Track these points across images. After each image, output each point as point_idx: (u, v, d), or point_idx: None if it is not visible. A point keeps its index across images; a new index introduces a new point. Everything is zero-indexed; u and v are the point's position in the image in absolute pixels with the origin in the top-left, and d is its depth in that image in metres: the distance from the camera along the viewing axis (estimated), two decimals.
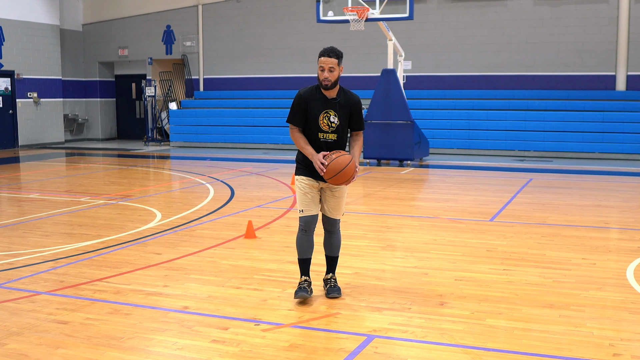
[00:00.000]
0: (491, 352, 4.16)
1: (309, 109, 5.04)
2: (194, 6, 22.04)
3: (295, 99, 5.10)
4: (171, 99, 22.36)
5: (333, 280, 5.35)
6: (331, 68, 4.95)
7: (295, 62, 20.79)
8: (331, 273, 5.37)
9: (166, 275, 5.96)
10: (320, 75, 4.98)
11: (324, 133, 5.05)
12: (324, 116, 5.02)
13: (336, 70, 4.97)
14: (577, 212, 9.27)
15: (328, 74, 4.96)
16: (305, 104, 5.04)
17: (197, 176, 13.20)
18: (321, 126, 5.03)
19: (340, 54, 5.02)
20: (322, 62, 4.96)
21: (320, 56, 5.00)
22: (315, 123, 5.04)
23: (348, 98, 5.10)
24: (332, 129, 5.04)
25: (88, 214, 9.13)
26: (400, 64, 15.94)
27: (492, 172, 14.26)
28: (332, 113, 5.03)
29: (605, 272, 6.05)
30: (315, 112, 5.02)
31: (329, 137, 5.05)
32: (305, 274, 5.25)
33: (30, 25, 20.59)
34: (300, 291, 5.11)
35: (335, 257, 5.39)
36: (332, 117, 5.03)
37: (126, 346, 4.29)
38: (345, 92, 5.12)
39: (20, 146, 20.49)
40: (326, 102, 5.04)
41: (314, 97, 5.05)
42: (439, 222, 8.49)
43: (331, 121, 5.03)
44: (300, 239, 5.22)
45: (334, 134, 5.05)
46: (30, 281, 5.78)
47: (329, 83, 4.97)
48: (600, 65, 17.76)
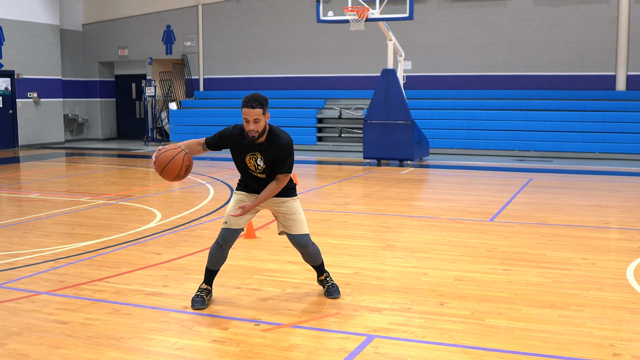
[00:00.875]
0: (491, 352, 4.16)
1: (235, 148, 4.93)
2: (194, 6, 22.04)
3: (225, 131, 5.00)
4: (171, 99, 22.37)
5: (329, 280, 5.33)
6: (256, 119, 4.71)
7: (295, 62, 20.79)
8: (325, 273, 5.35)
9: (166, 275, 5.96)
10: (246, 126, 4.76)
11: (253, 172, 4.97)
12: (250, 157, 4.90)
13: (262, 120, 4.72)
14: (577, 212, 9.27)
15: (253, 126, 4.73)
16: (231, 142, 4.94)
17: (197, 176, 13.20)
18: (249, 166, 4.94)
19: (264, 102, 4.74)
20: (246, 114, 4.71)
21: (243, 106, 4.75)
22: (242, 162, 4.95)
23: (276, 142, 4.84)
24: (258, 170, 4.93)
25: (88, 214, 9.13)
26: (400, 64, 15.94)
27: (492, 172, 14.26)
28: (258, 156, 4.88)
29: (605, 272, 6.05)
30: (242, 154, 4.91)
31: (259, 175, 4.96)
32: (208, 283, 5.16)
33: (30, 25, 20.59)
34: (197, 303, 5.00)
35: (320, 265, 5.31)
36: (259, 160, 4.88)
37: (126, 346, 4.29)
38: (276, 135, 4.86)
39: (20, 146, 20.49)
40: (253, 146, 4.87)
41: (240, 139, 4.89)
42: (439, 222, 8.49)
43: (258, 164, 4.90)
44: (214, 251, 5.09)
45: (262, 174, 4.94)
46: (30, 281, 5.78)
47: (256, 134, 4.76)
48: (600, 65, 17.76)
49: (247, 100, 4.73)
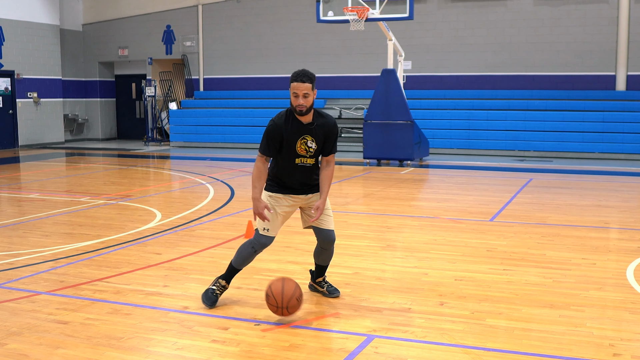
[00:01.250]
0: (491, 352, 4.16)
1: (284, 137, 4.79)
2: (194, 6, 22.04)
3: (270, 128, 4.83)
4: (171, 99, 22.36)
5: (326, 281, 5.35)
6: (305, 94, 4.71)
7: (295, 62, 20.72)
8: (323, 276, 5.33)
9: (166, 275, 5.96)
10: (294, 101, 4.74)
11: (301, 157, 4.84)
12: (301, 142, 4.80)
13: (311, 95, 4.73)
14: (577, 212, 9.27)
15: (302, 100, 4.72)
16: (281, 133, 4.79)
17: (197, 176, 13.20)
18: (298, 152, 4.81)
19: (313, 77, 4.77)
20: (295, 88, 4.72)
21: (292, 80, 4.76)
22: (292, 149, 4.80)
23: (324, 122, 4.88)
24: (310, 153, 4.84)
25: (88, 214, 9.13)
26: (400, 64, 15.94)
27: (492, 172, 14.26)
28: (309, 138, 4.81)
29: (605, 272, 6.05)
30: (292, 139, 4.79)
31: (307, 161, 4.86)
32: (228, 281, 5.13)
33: (30, 25, 20.59)
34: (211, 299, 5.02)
35: (326, 266, 5.30)
36: (310, 142, 4.82)
37: (126, 346, 4.29)
38: (322, 114, 4.89)
39: (20, 146, 20.49)
40: (302, 128, 4.80)
41: (288, 123, 4.81)
42: (439, 222, 8.49)
43: (309, 146, 4.82)
44: (247, 254, 5.02)
45: (312, 158, 4.87)
46: (30, 281, 5.78)
47: (304, 109, 4.73)
48: (600, 65, 17.76)
49: (297, 75, 4.74)
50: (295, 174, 4.89)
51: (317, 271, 5.32)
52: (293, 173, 4.89)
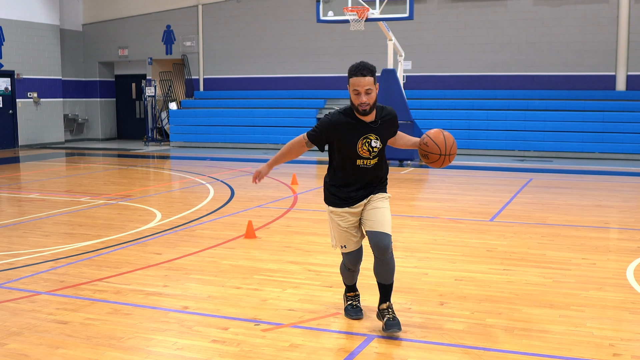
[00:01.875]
0: (491, 352, 4.16)
1: (341, 137, 4.30)
2: (194, 6, 22.04)
3: (324, 122, 4.35)
4: (171, 99, 22.37)
5: (391, 310, 4.44)
6: (368, 90, 4.15)
7: (295, 62, 20.79)
8: (387, 302, 4.46)
9: (166, 275, 5.96)
10: (356, 99, 4.18)
11: (363, 159, 4.36)
12: (363, 142, 4.31)
13: (373, 90, 4.18)
14: (577, 212, 9.27)
15: (365, 98, 4.16)
16: (335, 132, 4.31)
17: (197, 176, 13.20)
18: (360, 153, 4.32)
19: (374, 69, 4.23)
20: (356, 84, 4.14)
21: (351, 76, 4.19)
22: (352, 151, 4.31)
23: (386, 116, 4.41)
24: (373, 154, 4.35)
25: (88, 214, 9.13)
26: (400, 64, 15.94)
27: (492, 172, 14.26)
28: (372, 137, 4.32)
29: (605, 272, 6.05)
30: (352, 140, 4.29)
31: (369, 162, 4.38)
32: (353, 290, 4.82)
33: (30, 25, 20.59)
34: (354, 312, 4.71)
35: (390, 285, 4.47)
36: (374, 142, 4.33)
37: (126, 346, 4.29)
38: (383, 108, 4.41)
39: (20, 146, 20.50)
40: (365, 127, 4.31)
41: (348, 123, 4.30)
42: (439, 222, 8.49)
43: (372, 146, 4.33)
44: (346, 273, 4.74)
45: (375, 158, 4.38)
46: (30, 281, 5.78)
47: (367, 107, 4.20)
48: (600, 65, 17.76)
49: (356, 69, 4.18)
50: (355, 176, 4.41)
51: (380, 292, 4.50)
52: (352, 175, 4.41)
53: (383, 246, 4.31)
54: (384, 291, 4.46)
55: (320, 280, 5.75)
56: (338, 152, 4.40)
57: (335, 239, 4.57)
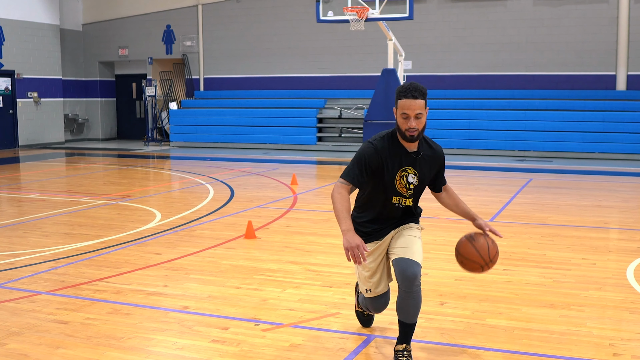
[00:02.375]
0: (491, 352, 4.16)
1: (385, 167, 3.79)
2: (194, 6, 22.04)
3: (366, 152, 3.78)
4: (171, 99, 22.37)
5: (407, 353, 3.91)
6: (418, 114, 3.69)
7: (295, 62, 20.79)
8: (405, 344, 3.92)
9: (166, 275, 5.96)
10: (403, 124, 3.71)
11: (400, 197, 3.89)
12: (401, 175, 3.83)
13: (424, 115, 3.71)
14: (577, 212, 9.26)
15: (415, 123, 3.69)
16: (380, 161, 3.78)
17: (197, 176, 13.20)
18: (398, 188, 3.84)
19: (425, 92, 3.74)
20: (406, 107, 3.68)
21: (400, 97, 3.71)
22: (390, 184, 3.83)
23: (433, 152, 3.93)
24: (409, 192, 3.88)
25: (88, 214, 9.13)
26: (400, 64, 15.94)
27: (492, 172, 14.26)
28: (410, 171, 3.84)
29: (605, 272, 6.05)
30: (394, 171, 3.81)
31: (405, 202, 3.91)
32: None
33: (30, 25, 20.59)
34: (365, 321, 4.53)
35: (412, 325, 3.91)
36: (411, 177, 3.85)
37: (126, 346, 4.29)
38: (427, 141, 3.92)
39: (20, 146, 20.49)
40: (405, 157, 3.82)
41: (390, 150, 3.80)
42: (439, 222, 8.48)
43: (409, 182, 3.86)
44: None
45: (410, 198, 3.92)
46: (30, 281, 5.78)
47: (416, 134, 3.73)
48: (600, 65, 17.76)
49: (407, 90, 3.69)
50: (387, 214, 3.95)
51: (400, 331, 3.95)
52: (383, 213, 3.95)
53: (411, 274, 3.77)
54: (404, 330, 3.91)
55: (320, 280, 5.75)
56: (373, 184, 3.88)
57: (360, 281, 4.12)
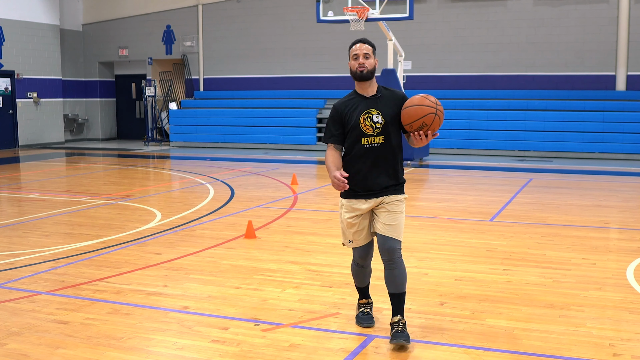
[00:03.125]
0: (491, 352, 4.16)
1: (346, 118, 4.30)
2: (194, 6, 22.04)
3: (331, 112, 4.39)
4: (171, 99, 22.37)
5: (402, 324, 4.28)
6: (366, 54, 4.30)
7: (295, 62, 20.79)
8: (399, 315, 4.31)
9: (166, 275, 5.96)
10: (354, 64, 4.31)
11: (368, 137, 4.26)
12: (365, 118, 4.26)
13: (372, 57, 4.31)
14: (577, 212, 9.27)
15: (363, 60, 4.28)
16: (341, 114, 4.32)
17: (197, 176, 13.20)
18: (364, 129, 4.25)
19: (374, 45, 4.42)
20: (356, 49, 4.32)
21: (351, 46, 4.42)
22: (356, 128, 4.26)
23: (392, 93, 4.39)
24: (377, 130, 4.25)
25: (88, 214, 9.13)
26: (400, 64, 15.94)
27: (492, 172, 14.26)
28: (374, 112, 4.27)
29: (605, 272, 6.05)
30: (355, 117, 4.27)
31: (375, 140, 4.26)
32: (365, 297, 4.74)
33: (30, 25, 20.59)
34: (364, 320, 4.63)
35: (400, 294, 4.33)
36: (375, 117, 4.25)
37: (126, 346, 4.29)
38: (387, 87, 4.44)
39: (20, 146, 20.49)
40: (365, 101, 4.32)
41: (349, 102, 4.35)
42: (439, 222, 8.49)
43: (374, 121, 4.25)
44: (356, 271, 4.67)
45: (380, 136, 4.26)
46: (30, 281, 5.78)
47: (365, 69, 4.27)
48: (600, 65, 17.76)
49: (357, 39, 4.45)
50: (365, 159, 4.28)
51: (391, 304, 4.38)
52: (361, 157, 4.29)
53: (390, 248, 4.26)
54: (395, 302, 4.32)
55: (320, 280, 5.76)
56: (347, 135, 4.33)
57: (344, 234, 4.50)
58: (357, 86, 4.39)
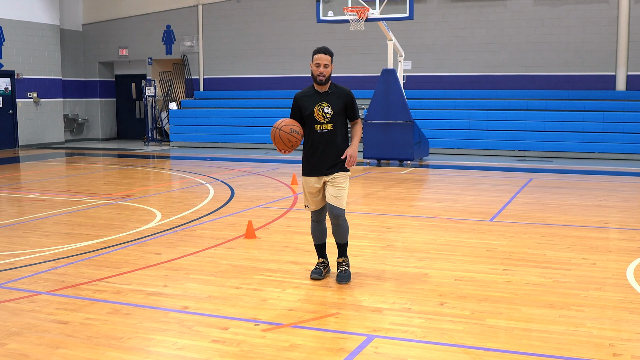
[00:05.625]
0: (491, 352, 4.16)
1: (303, 106, 5.54)
2: (194, 6, 22.04)
3: (292, 103, 5.65)
4: (171, 99, 22.37)
5: (344, 264, 5.74)
6: (326, 64, 5.46)
7: (295, 62, 20.78)
8: (343, 257, 5.76)
9: (166, 275, 5.96)
10: (315, 70, 5.46)
11: (320, 124, 5.49)
12: (318, 108, 5.50)
13: (330, 66, 5.48)
14: (577, 212, 9.27)
15: (323, 69, 5.45)
16: (298, 103, 5.57)
17: (197, 176, 13.20)
18: (317, 118, 5.48)
19: (332, 53, 5.57)
20: (318, 59, 5.46)
21: (315, 53, 5.50)
22: (311, 116, 5.49)
23: (340, 90, 5.59)
24: (327, 119, 5.49)
25: (88, 214, 9.13)
26: (400, 64, 15.94)
27: (492, 172, 14.26)
28: (325, 104, 5.50)
29: (605, 272, 6.05)
30: (310, 106, 5.51)
31: (325, 127, 5.50)
32: (322, 257, 5.87)
33: (30, 25, 20.60)
34: (314, 273, 5.77)
35: (344, 244, 5.75)
36: (326, 108, 5.50)
37: (126, 346, 4.29)
38: (337, 85, 5.62)
39: (20, 146, 20.50)
40: (319, 96, 5.53)
41: (307, 94, 5.59)
42: (439, 222, 8.49)
43: (325, 112, 5.49)
44: (313, 228, 5.78)
45: (329, 123, 5.50)
46: (30, 281, 5.78)
47: (324, 78, 5.46)
48: (600, 65, 17.76)
49: (319, 49, 5.52)
50: (317, 142, 5.52)
51: (338, 249, 5.80)
52: (315, 141, 5.52)
53: (337, 214, 5.57)
54: (340, 248, 5.78)
55: (320, 280, 5.75)
56: (305, 122, 5.54)
57: (304, 199, 5.73)
58: (315, 85, 5.58)
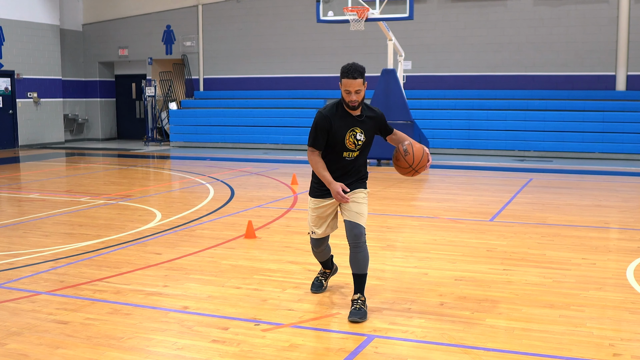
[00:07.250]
0: (491, 352, 4.16)
1: (333, 129, 4.73)
2: (194, 6, 22.04)
3: (318, 120, 4.75)
4: (171, 99, 22.37)
5: (360, 302, 4.79)
6: (357, 91, 4.64)
7: (295, 62, 20.79)
8: (359, 293, 4.82)
9: (166, 275, 5.96)
10: (347, 97, 4.68)
11: (349, 152, 4.79)
12: (350, 134, 4.75)
13: (362, 90, 4.67)
14: (577, 212, 9.27)
15: (355, 96, 4.66)
16: (330, 125, 4.72)
17: (197, 176, 13.20)
18: (347, 145, 4.76)
19: (363, 71, 4.69)
20: (348, 85, 4.63)
21: (343, 77, 4.66)
22: (340, 142, 4.74)
23: (374, 114, 4.89)
24: (358, 147, 4.79)
25: (88, 214, 9.13)
26: (400, 64, 15.94)
27: (492, 172, 14.26)
28: (358, 131, 4.77)
29: (605, 272, 6.05)
30: (341, 131, 4.73)
31: (353, 155, 4.81)
32: (327, 268, 5.48)
33: (30, 25, 20.59)
34: (314, 286, 5.42)
35: (362, 275, 4.84)
36: (359, 135, 4.77)
37: (126, 346, 4.29)
38: (369, 107, 4.92)
39: (20, 146, 20.49)
40: (352, 120, 4.77)
41: (337, 115, 4.76)
42: (439, 222, 8.49)
43: (357, 139, 4.77)
44: (315, 252, 5.29)
45: (357, 151, 4.82)
46: (30, 281, 5.78)
47: (357, 104, 4.70)
48: (600, 65, 17.76)
49: (348, 71, 4.64)
50: (340, 168, 4.82)
51: (354, 283, 4.90)
52: (338, 168, 4.82)
53: (357, 232, 4.77)
54: (357, 282, 4.85)
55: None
56: (327, 144, 4.79)
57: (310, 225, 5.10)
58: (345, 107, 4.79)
